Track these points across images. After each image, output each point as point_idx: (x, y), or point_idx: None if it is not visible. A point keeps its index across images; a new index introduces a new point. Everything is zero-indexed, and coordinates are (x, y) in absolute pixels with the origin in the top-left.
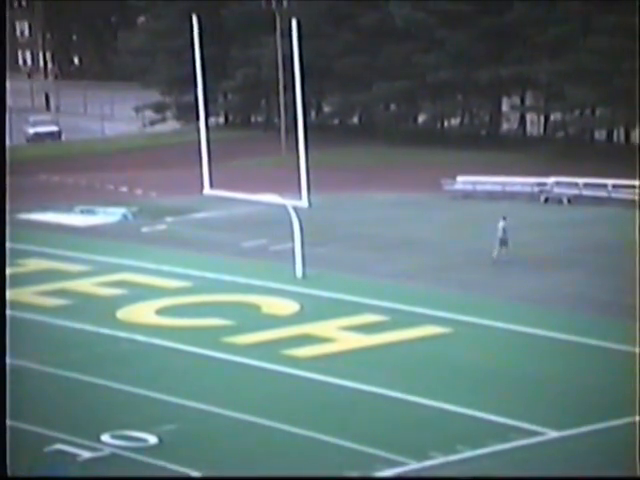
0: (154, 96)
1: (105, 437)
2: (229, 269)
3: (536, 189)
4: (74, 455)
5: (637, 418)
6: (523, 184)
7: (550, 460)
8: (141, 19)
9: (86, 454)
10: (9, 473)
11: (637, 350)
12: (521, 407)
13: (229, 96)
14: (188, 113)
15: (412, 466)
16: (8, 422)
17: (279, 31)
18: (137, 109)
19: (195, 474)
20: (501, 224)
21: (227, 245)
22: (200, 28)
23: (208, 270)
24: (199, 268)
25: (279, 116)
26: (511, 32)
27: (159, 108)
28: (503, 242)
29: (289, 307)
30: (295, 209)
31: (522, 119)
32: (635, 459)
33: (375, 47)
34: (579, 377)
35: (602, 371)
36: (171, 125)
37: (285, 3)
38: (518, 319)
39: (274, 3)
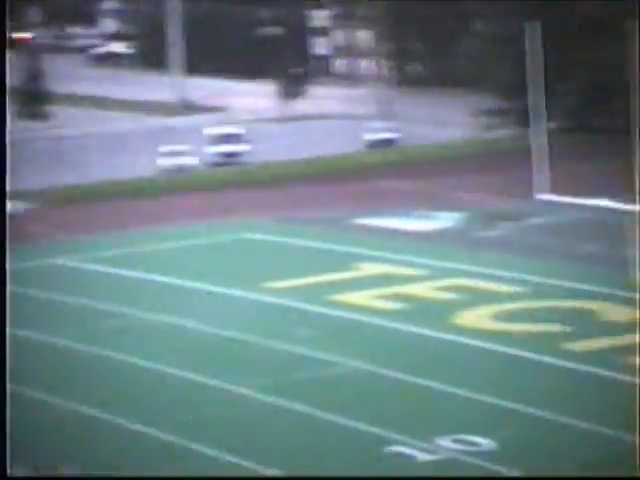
0: (490, 101)
1: (443, 441)
2: (565, 275)
3: None
4: (410, 457)
5: None
6: None
7: None
8: (478, 25)
9: (423, 456)
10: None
11: None
12: None
13: (569, 99)
14: (526, 118)
15: None
16: None
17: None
18: (474, 114)
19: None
20: None
21: (561, 250)
22: (539, 33)
23: (542, 275)
24: (533, 273)
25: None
26: None
27: (496, 113)
28: None
29: (627, 314)
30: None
31: None
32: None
33: None
34: None
35: None
36: (509, 130)
37: None
38: None
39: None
